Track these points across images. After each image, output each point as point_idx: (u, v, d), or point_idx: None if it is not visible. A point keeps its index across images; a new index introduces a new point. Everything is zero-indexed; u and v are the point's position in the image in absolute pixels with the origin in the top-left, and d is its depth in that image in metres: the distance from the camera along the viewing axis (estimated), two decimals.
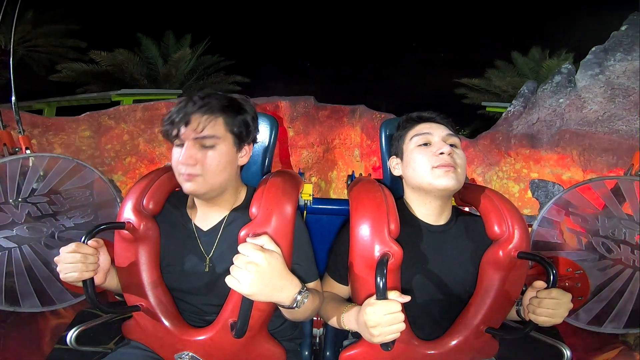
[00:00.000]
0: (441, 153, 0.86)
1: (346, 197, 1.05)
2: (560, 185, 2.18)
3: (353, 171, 1.32)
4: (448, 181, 0.84)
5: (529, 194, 2.56)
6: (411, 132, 0.93)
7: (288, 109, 3.65)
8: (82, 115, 2.54)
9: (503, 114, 3.15)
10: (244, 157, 0.88)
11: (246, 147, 0.88)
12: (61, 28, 9.66)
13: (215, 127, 0.80)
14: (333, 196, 3.89)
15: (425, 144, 0.90)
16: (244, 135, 0.85)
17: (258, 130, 0.92)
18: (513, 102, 3.12)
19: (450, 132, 0.91)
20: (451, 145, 0.89)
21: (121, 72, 9.40)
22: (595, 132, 2.44)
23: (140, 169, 2.66)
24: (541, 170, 2.41)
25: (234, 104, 0.85)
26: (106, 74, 9.37)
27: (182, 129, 0.79)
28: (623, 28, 3.25)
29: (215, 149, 0.80)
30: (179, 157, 0.79)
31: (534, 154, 2.61)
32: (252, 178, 1.04)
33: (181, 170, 0.79)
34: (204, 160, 0.78)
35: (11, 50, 1.62)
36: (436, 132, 0.90)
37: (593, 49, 3.33)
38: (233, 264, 0.69)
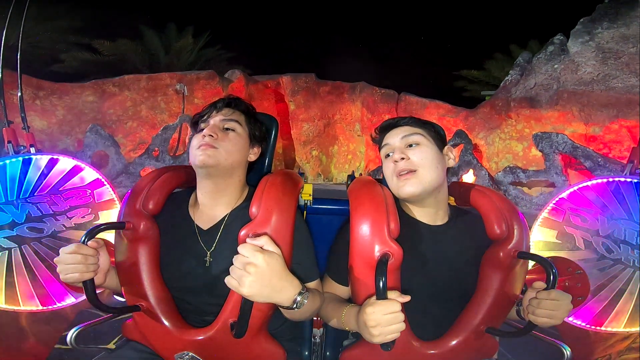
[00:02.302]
0: (395, 161, 0.87)
1: (346, 194, 1.05)
2: (564, 135, 2.18)
3: (353, 171, 1.32)
4: (407, 189, 0.85)
5: (533, 151, 2.62)
6: (380, 145, 0.96)
7: (289, 83, 3.68)
8: (88, 82, 2.58)
9: (501, 84, 3.20)
10: (252, 154, 0.98)
11: (256, 148, 0.99)
12: (63, 24, 9.61)
13: (238, 117, 0.95)
14: (334, 171, 3.89)
15: (388, 155, 0.92)
16: (256, 135, 0.98)
17: (266, 140, 1.07)
18: (510, 72, 3.18)
19: (409, 132, 0.90)
20: (411, 145, 0.88)
21: (123, 62, 9.34)
22: (592, 90, 2.48)
23: (141, 133, 2.72)
24: (543, 128, 2.44)
25: (253, 109, 1.01)
26: (108, 63, 9.31)
27: (213, 113, 0.92)
28: (606, 0, 3.45)
29: (234, 132, 0.92)
30: (203, 133, 0.89)
31: (534, 113, 2.65)
32: (252, 178, 1.04)
33: (201, 142, 0.87)
34: (223, 136, 0.89)
35: (19, 46, 1.61)
36: (394, 139, 0.91)
37: (581, 20, 3.49)
38: (233, 264, 0.69)
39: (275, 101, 3.89)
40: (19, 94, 1.56)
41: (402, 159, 0.86)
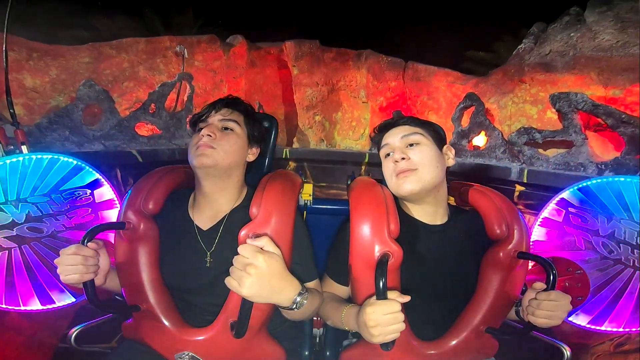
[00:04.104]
0: (396, 161, 0.87)
1: (346, 188, 1.05)
2: (583, 94, 2.10)
3: (353, 171, 1.32)
4: (405, 187, 0.85)
5: (549, 113, 2.53)
6: (379, 145, 0.96)
7: (292, 48, 3.58)
8: (85, 45, 2.50)
9: (514, 52, 3.11)
10: (251, 155, 0.98)
11: (255, 148, 0.99)
12: (58, 7, 9.33)
13: (237, 118, 0.95)
14: (337, 137, 3.85)
15: (388, 154, 0.92)
16: (255, 135, 0.98)
17: (266, 141, 1.07)
18: (523, 40, 3.06)
19: (409, 132, 0.90)
20: (412, 144, 0.89)
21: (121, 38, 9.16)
22: (611, 56, 2.39)
23: (138, 93, 2.64)
24: (559, 91, 2.37)
25: (253, 110, 1.00)
26: (106, 39, 9.13)
27: (212, 114, 0.92)
28: None
29: (233, 132, 0.92)
30: (201, 133, 0.89)
31: (549, 77, 2.54)
32: (251, 178, 1.04)
33: (200, 142, 0.87)
34: (222, 137, 0.89)
35: (5, 47, 1.58)
36: (394, 139, 0.91)
37: None
38: (232, 264, 0.69)
39: (278, 68, 3.82)
40: (6, 85, 1.50)
41: (403, 158, 0.86)
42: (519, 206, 2.20)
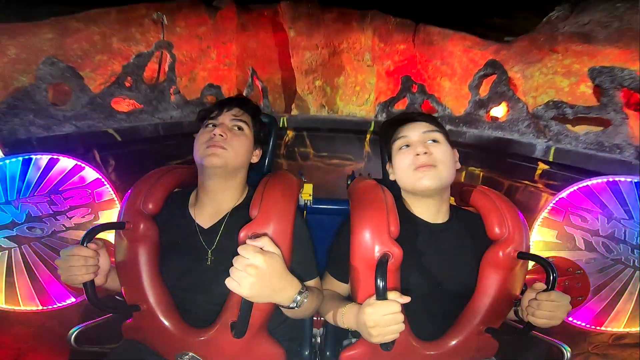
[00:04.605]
0: (417, 154, 0.86)
1: (346, 194, 1.05)
2: (630, 70, 1.80)
3: (353, 171, 1.32)
4: (427, 181, 0.85)
5: (582, 87, 2.22)
6: (394, 136, 0.94)
7: (288, 9, 3.22)
8: (46, 20, 2.23)
9: (544, 19, 2.81)
10: (255, 156, 0.99)
11: (258, 149, 1.00)
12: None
13: (247, 118, 0.96)
14: (339, 103, 3.56)
15: (407, 146, 0.90)
16: (260, 137, 0.99)
17: (268, 143, 1.11)
18: (556, 8, 2.73)
19: (430, 129, 0.90)
20: (432, 140, 0.89)
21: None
22: None
23: (113, 66, 2.36)
24: (597, 64, 2.09)
25: (260, 111, 1.02)
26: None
27: (224, 112, 0.93)
28: None
29: (242, 132, 0.93)
30: (212, 132, 0.89)
31: (587, 49, 2.14)
32: (251, 178, 1.04)
33: (210, 142, 0.87)
34: (232, 137, 0.90)
35: None
36: (414, 132, 0.90)
37: None
38: (233, 264, 0.69)
39: (273, 31, 3.53)
40: None
41: (425, 153, 0.86)
42: (539, 185, 2.05)
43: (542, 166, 2.05)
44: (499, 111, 2.55)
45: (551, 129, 2.09)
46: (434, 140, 0.89)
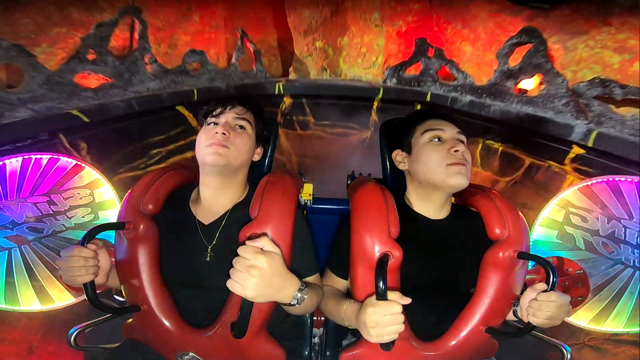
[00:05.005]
0: (456, 151, 0.87)
1: (346, 194, 1.05)
2: None
3: (353, 171, 1.32)
4: (460, 179, 0.86)
5: (635, 66, 1.90)
6: (422, 127, 0.94)
7: None
8: None
9: None
10: (257, 155, 1.00)
11: (260, 148, 1.00)
12: None
13: (249, 117, 0.96)
14: (343, 65, 3.23)
15: (439, 140, 0.91)
16: (262, 135, 0.99)
17: (269, 141, 1.12)
18: None
19: (460, 131, 0.93)
20: (461, 141, 0.91)
21: None
22: None
23: (75, 39, 2.10)
24: None
25: (262, 109, 1.02)
26: None
27: (227, 109, 0.93)
28: None
29: (245, 131, 0.93)
30: (215, 129, 0.89)
31: None
32: (252, 176, 1.04)
33: (213, 140, 0.87)
34: (235, 136, 0.90)
35: None
36: (448, 129, 0.92)
37: None
38: (232, 258, 0.69)
39: None
40: None
41: (462, 152, 0.88)
42: (568, 167, 1.87)
43: (576, 150, 1.83)
44: (529, 84, 2.26)
45: (593, 109, 1.81)
46: (462, 142, 0.91)
